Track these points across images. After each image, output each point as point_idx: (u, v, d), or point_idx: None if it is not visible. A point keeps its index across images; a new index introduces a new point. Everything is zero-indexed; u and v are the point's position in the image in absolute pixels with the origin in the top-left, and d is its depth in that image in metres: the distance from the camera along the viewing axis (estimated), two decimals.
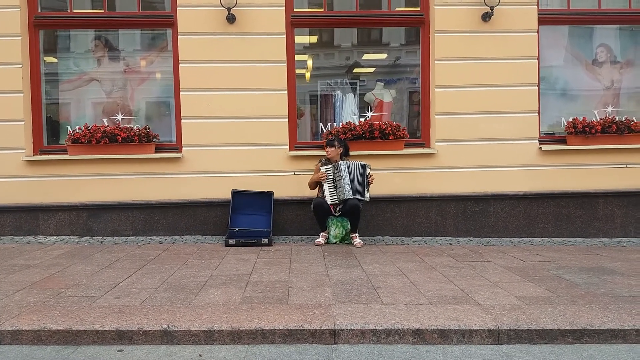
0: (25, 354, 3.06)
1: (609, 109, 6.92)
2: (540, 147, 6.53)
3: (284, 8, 6.35)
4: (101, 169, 6.28)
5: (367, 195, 5.92)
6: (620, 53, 7.04)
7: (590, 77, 7.02)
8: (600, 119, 6.70)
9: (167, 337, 3.20)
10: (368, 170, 5.91)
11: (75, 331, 3.19)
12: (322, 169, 5.90)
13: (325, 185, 5.90)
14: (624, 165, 6.61)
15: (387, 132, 6.38)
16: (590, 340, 3.26)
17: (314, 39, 7.19)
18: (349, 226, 5.96)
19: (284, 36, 6.37)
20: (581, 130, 6.53)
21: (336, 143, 5.95)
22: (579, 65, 7.01)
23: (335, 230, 5.96)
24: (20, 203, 6.23)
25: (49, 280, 4.31)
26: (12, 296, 3.83)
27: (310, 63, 7.13)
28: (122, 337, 3.19)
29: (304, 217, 6.38)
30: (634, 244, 6.23)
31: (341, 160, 5.95)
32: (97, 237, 6.25)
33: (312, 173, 6.07)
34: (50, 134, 6.63)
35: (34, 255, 5.28)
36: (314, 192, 6.09)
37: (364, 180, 5.88)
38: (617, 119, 6.64)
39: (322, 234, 6.01)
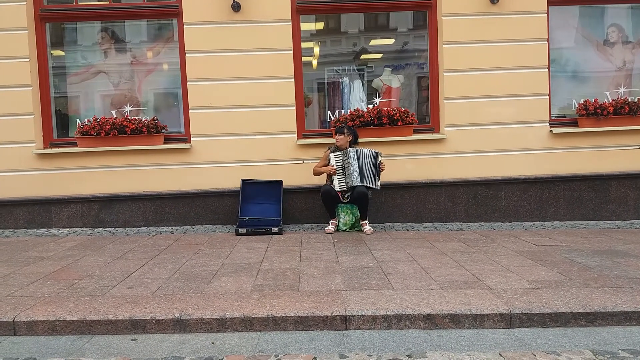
0: (41, 344, 3.10)
1: (621, 89, 6.81)
2: (551, 130, 6.46)
3: None
4: (111, 161, 6.32)
5: (378, 183, 5.91)
6: (632, 32, 6.90)
7: (601, 57, 6.90)
8: (612, 100, 6.61)
9: (180, 325, 3.22)
10: (380, 159, 5.88)
11: (89, 321, 3.22)
12: (332, 155, 5.89)
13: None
14: (637, 147, 6.52)
15: (395, 118, 6.34)
16: (604, 322, 3.23)
17: (320, 25, 7.13)
18: (359, 213, 5.95)
19: (290, 23, 6.33)
20: (593, 112, 6.45)
21: (345, 130, 5.93)
22: (590, 46, 6.89)
23: (345, 217, 5.95)
24: (32, 196, 6.29)
25: (63, 271, 4.36)
26: (26, 288, 3.88)
27: (316, 50, 7.08)
28: (136, 327, 3.22)
29: (313, 205, 6.38)
30: None
31: (350, 147, 5.93)
32: (109, 229, 6.31)
33: (320, 160, 6.06)
34: (59, 127, 6.67)
35: (47, 248, 5.34)
36: (322, 180, 6.08)
37: (376, 169, 5.86)
38: (629, 100, 6.54)
39: (331, 221, 6.01)
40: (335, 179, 5.89)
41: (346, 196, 5.93)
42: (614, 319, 3.24)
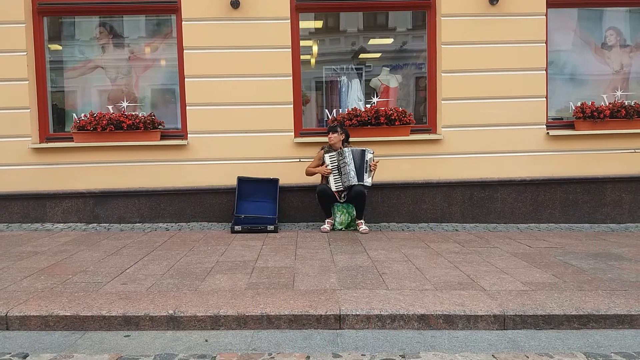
0: (33, 339, 3.09)
1: (618, 93, 6.82)
2: (548, 132, 6.47)
3: None
4: (107, 156, 6.30)
5: (369, 180, 5.87)
6: (630, 36, 6.92)
7: (599, 61, 6.92)
8: (609, 103, 6.62)
9: (174, 322, 3.21)
10: (369, 155, 5.86)
11: (82, 317, 3.21)
12: (327, 156, 5.88)
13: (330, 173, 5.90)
14: (633, 150, 6.55)
15: (393, 118, 6.34)
16: (597, 325, 3.24)
17: (319, 24, 7.12)
18: (355, 212, 5.95)
19: (289, 21, 6.32)
20: (589, 115, 6.46)
21: (338, 129, 5.93)
22: (587, 48, 6.91)
23: (341, 216, 5.95)
24: (27, 190, 6.27)
25: (56, 266, 4.34)
26: (20, 282, 3.86)
27: (315, 48, 7.07)
28: (129, 323, 3.21)
29: (309, 204, 6.37)
30: None
31: (343, 146, 5.93)
32: (104, 224, 6.29)
33: (313, 161, 6.05)
34: (56, 121, 6.64)
35: (41, 242, 5.32)
36: (318, 179, 6.07)
37: (364, 166, 5.84)
38: (626, 104, 6.56)
39: (327, 220, 6.00)
40: (332, 179, 5.88)
41: (343, 195, 5.93)
42: (607, 322, 3.25)
